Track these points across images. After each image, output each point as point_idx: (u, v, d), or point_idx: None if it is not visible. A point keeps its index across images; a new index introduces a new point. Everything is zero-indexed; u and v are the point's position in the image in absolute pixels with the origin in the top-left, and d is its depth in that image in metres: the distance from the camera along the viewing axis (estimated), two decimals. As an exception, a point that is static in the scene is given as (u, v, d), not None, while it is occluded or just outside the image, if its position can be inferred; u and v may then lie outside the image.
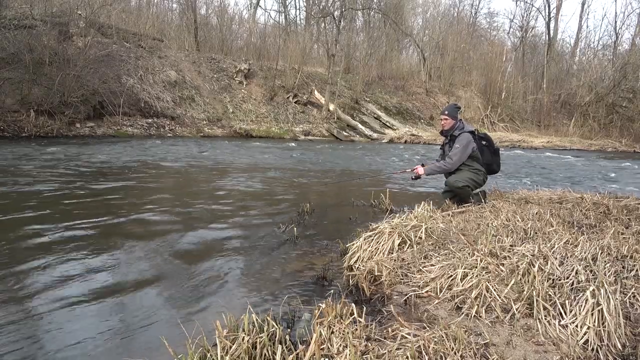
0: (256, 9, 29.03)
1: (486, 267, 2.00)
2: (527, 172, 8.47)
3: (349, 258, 2.46)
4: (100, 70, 14.27)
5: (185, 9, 23.42)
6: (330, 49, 21.93)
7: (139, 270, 2.45)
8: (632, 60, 21.85)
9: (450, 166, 3.86)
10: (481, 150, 3.95)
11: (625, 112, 21.89)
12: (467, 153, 3.84)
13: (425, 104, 23.65)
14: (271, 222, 3.66)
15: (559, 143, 18.26)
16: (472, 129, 3.96)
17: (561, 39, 44.35)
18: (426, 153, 12.76)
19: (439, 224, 2.88)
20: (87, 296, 2.09)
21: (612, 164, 10.88)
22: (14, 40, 12.07)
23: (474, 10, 32.98)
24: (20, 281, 2.23)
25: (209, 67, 19.89)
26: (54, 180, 5.22)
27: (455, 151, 3.83)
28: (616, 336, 1.51)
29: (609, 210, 3.46)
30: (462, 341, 1.45)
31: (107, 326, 1.83)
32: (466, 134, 3.85)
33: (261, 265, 2.62)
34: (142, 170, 6.57)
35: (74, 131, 12.69)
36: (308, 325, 1.74)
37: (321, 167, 8.27)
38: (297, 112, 19.84)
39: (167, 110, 16.12)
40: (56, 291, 2.13)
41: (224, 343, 1.47)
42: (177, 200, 4.51)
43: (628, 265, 2.09)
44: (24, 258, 2.54)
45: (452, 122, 3.95)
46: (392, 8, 25.68)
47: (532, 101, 25.01)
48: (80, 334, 1.76)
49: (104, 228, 3.25)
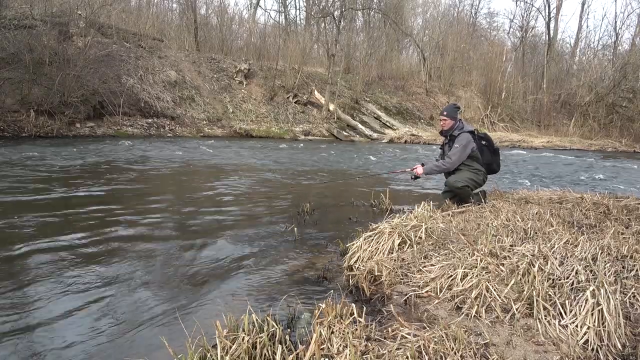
0: (256, 9, 29.05)
1: (486, 267, 2.00)
2: (527, 172, 8.47)
3: (349, 258, 2.46)
4: (100, 70, 14.26)
5: (185, 9, 23.42)
6: (330, 49, 21.93)
7: (138, 270, 2.45)
8: (632, 60, 21.84)
9: (450, 166, 3.86)
10: (481, 150, 3.95)
11: (625, 112, 21.88)
12: (467, 153, 3.84)
13: (425, 104, 23.64)
14: (271, 222, 3.66)
15: (559, 143, 18.26)
16: (472, 129, 3.95)
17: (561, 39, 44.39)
18: (426, 153, 12.77)
19: (439, 224, 2.88)
20: (87, 297, 2.09)
21: (612, 164, 10.88)
22: (14, 40, 12.07)
23: (474, 10, 33.01)
24: (19, 281, 2.23)
25: (209, 67, 19.88)
26: (53, 179, 5.22)
27: (454, 151, 3.83)
28: (616, 336, 1.51)
29: (609, 210, 3.46)
30: (462, 341, 1.45)
31: (107, 326, 1.83)
32: (466, 134, 3.85)
33: (261, 265, 2.62)
34: (140, 171, 6.57)
35: (74, 131, 12.69)
36: (308, 325, 1.74)
37: (321, 167, 8.27)
38: (297, 112, 19.84)
39: (167, 110, 16.11)
40: (56, 292, 2.13)
41: (224, 343, 1.47)
42: (177, 200, 4.51)
43: (628, 265, 2.09)
44: (22, 259, 2.54)
45: (451, 122, 3.95)
46: (392, 8, 25.68)
47: (532, 101, 25.00)
48: (81, 335, 1.76)
49: (103, 228, 3.25)
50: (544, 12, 27.80)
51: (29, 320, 1.85)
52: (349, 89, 22.28)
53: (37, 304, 2.00)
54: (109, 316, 1.91)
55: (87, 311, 1.95)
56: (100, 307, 1.99)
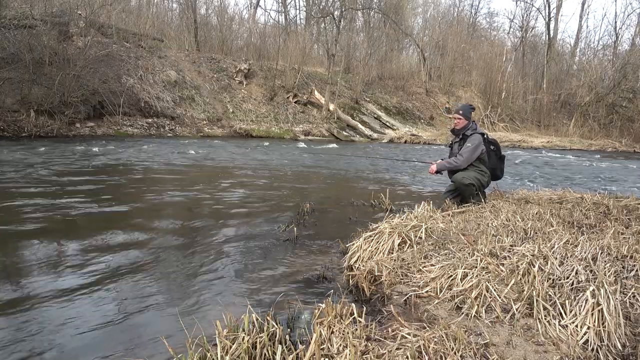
0: (256, 9, 29.06)
1: (486, 267, 2.00)
2: (527, 172, 8.47)
3: (349, 258, 2.46)
4: (100, 70, 14.26)
5: (185, 9, 23.41)
6: (330, 49, 21.92)
7: (138, 270, 2.45)
8: (632, 60, 21.83)
9: (460, 163, 3.89)
10: (488, 155, 3.99)
11: (625, 112, 21.87)
12: (477, 154, 3.89)
13: (425, 104, 23.64)
14: (271, 222, 3.66)
15: (559, 143, 18.27)
16: (483, 132, 3.99)
17: (561, 39, 44.42)
18: (425, 153, 12.76)
19: (439, 224, 2.88)
20: (87, 297, 2.09)
21: (612, 164, 10.88)
22: (14, 40, 12.07)
23: (474, 10, 33.02)
24: (19, 281, 2.23)
25: (209, 67, 19.88)
26: (53, 179, 5.22)
27: (466, 149, 3.86)
28: (616, 336, 1.51)
29: (609, 210, 3.46)
30: (462, 341, 1.45)
31: (107, 326, 1.83)
32: (478, 135, 3.90)
33: (261, 265, 2.62)
34: (140, 171, 6.57)
35: (74, 131, 12.68)
36: (308, 325, 1.74)
37: (321, 167, 8.26)
38: (297, 112, 19.84)
39: (167, 110, 16.11)
40: (56, 292, 2.13)
41: (224, 343, 1.47)
42: (176, 200, 4.51)
43: (628, 265, 2.09)
44: (25, 257, 2.54)
45: (465, 122, 4.00)
46: (392, 8, 25.67)
47: (532, 101, 24.99)
48: (81, 334, 1.76)
49: (102, 228, 3.25)
50: (544, 12, 27.78)
51: (29, 320, 1.85)
52: (349, 89, 22.27)
53: (36, 304, 1.99)
54: (109, 316, 1.91)
55: (87, 311, 1.95)
56: (100, 307, 1.99)
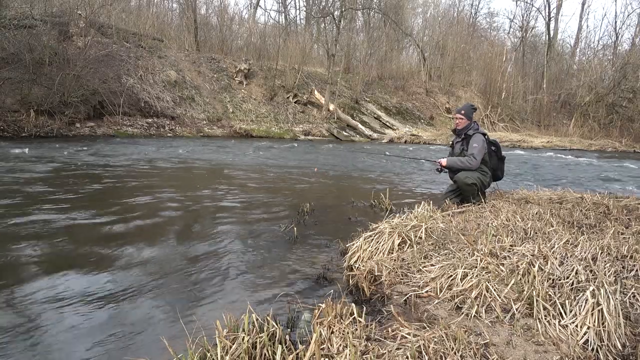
0: (256, 9, 29.06)
1: (486, 267, 2.00)
2: (527, 172, 8.47)
3: (349, 258, 2.46)
4: (100, 70, 14.25)
5: (185, 9, 23.39)
6: (330, 49, 21.91)
7: (138, 270, 2.45)
8: (632, 60, 21.83)
9: (474, 164, 3.85)
10: (489, 155, 3.99)
11: (625, 112, 21.87)
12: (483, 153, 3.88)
13: (425, 104, 23.64)
14: (271, 221, 3.66)
15: (559, 143, 18.26)
16: (485, 132, 3.99)
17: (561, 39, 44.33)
18: (425, 153, 12.76)
19: (439, 224, 2.88)
20: (87, 297, 2.09)
21: (612, 164, 10.88)
22: (14, 40, 12.06)
23: (474, 10, 33.01)
24: (19, 280, 2.23)
25: (209, 67, 19.87)
26: (52, 180, 5.22)
27: (476, 150, 3.85)
28: (616, 336, 1.51)
29: (609, 210, 3.46)
30: (462, 341, 1.45)
31: (108, 326, 1.83)
32: (480, 135, 3.90)
33: (261, 265, 2.62)
34: (140, 171, 6.57)
35: (74, 131, 12.68)
36: (308, 325, 1.74)
37: (321, 167, 8.26)
38: (297, 112, 19.83)
39: (167, 110, 16.10)
40: (56, 292, 2.13)
41: (224, 343, 1.47)
42: (176, 200, 4.51)
43: (628, 265, 2.09)
44: (22, 259, 2.54)
45: (467, 121, 4.01)
46: (392, 8, 25.66)
47: (532, 101, 25.00)
48: (81, 334, 1.76)
49: (102, 229, 3.25)
50: (544, 12, 27.85)
51: (29, 320, 1.85)
52: (348, 89, 22.27)
53: (37, 304, 2.00)
54: (109, 316, 1.91)
55: (87, 311, 1.95)
56: (100, 307, 1.99)
